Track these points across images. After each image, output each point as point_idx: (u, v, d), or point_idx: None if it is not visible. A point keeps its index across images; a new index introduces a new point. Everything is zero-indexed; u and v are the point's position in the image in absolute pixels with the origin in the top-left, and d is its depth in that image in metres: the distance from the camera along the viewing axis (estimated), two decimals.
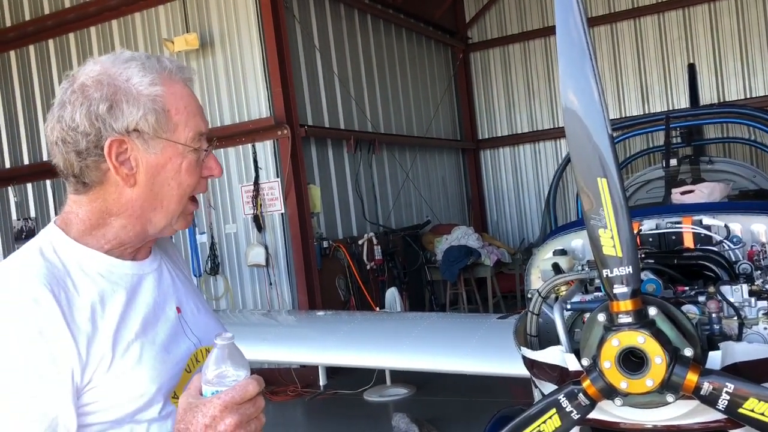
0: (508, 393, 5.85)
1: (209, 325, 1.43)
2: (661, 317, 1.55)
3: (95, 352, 1.18)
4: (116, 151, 1.24)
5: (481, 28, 12.87)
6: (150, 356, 1.24)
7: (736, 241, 2.17)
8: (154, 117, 1.24)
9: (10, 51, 9.33)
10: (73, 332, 1.16)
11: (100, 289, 1.24)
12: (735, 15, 11.02)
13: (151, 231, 1.32)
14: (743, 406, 1.48)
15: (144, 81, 1.25)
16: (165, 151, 1.27)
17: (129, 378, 1.21)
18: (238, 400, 1.11)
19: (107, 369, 1.19)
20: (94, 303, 1.22)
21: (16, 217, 9.58)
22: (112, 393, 1.20)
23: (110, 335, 1.21)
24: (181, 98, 1.29)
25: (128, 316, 1.25)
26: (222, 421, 1.10)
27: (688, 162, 5.07)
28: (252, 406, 1.13)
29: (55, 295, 1.17)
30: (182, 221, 1.34)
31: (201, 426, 1.11)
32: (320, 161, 8.42)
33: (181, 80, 1.31)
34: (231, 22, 7.81)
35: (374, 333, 4.31)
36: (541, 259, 2.44)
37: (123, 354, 1.21)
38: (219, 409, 1.10)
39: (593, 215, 1.52)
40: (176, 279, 1.44)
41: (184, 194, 1.30)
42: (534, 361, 1.86)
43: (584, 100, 1.49)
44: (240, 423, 1.11)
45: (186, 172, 1.29)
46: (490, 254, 9.80)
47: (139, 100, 1.24)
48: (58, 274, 1.21)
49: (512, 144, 12.72)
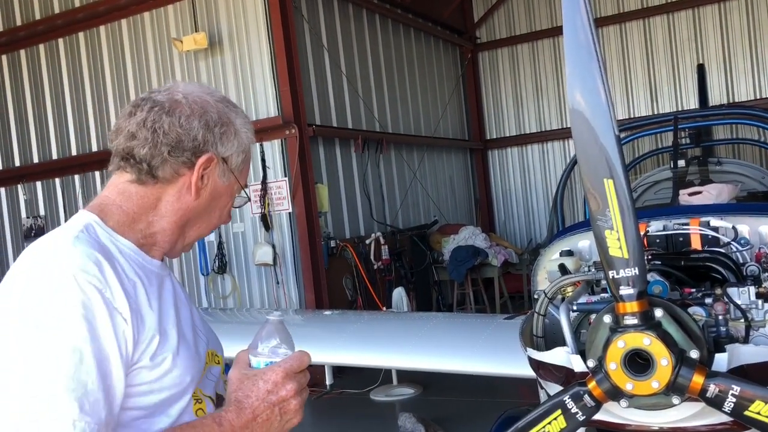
0: (515, 393, 5.84)
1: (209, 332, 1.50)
2: (667, 319, 1.54)
3: (145, 332, 1.22)
4: (205, 164, 1.35)
5: (489, 27, 12.85)
6: (185, 349, 1.30)
7: (743, 242, 2.17)
8: (241, 157, 1.42)
9: (20, 50, 9.38)
10: (131, 307, 1.20)
11: (140, 276, 1.28)
12: (745, 15, 10.96)
13: (179, 243, 1.41)
14: (749, 409, 1.48)
15: (246, 128, 1.43)
16: (230, 185, 1.42)
17: (169, 366, 1.24)
18: (296, 369, 1.23)
19: (153, 353, 1.22)
20: (138, 287, 1.25)
21: (26, 215, 9.63)
22: (153, 379, 1.22)
23: (156, 320, 1.25)
24: (251, 154, 1.47)
25: (164, 308, 1.30)
26: (284, 386, 1.21)
27: (697, 163, 5.05)
28: (304, 376, 1.25)
29: (113, 265, 1.21)
30: (189, 246, 1.46)
31: (263, 392, 1.20)
32: (328, 160, 8.43)
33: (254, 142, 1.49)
34: (240, 21, 7.83)
35: (381, 333, 4.31)
36: (547, 260, 2.44)
37: (164, 341, 1.25)
38: (281, 376, 1.21)
39: (599, 216, 1.52)
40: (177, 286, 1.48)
41: (217, 224, 1.46)
42: (540, 362, 1.85)
43: (591, 101, 1.49)
44: (298, 389, 1.23)
45: (228, 207, 1.46)
46: (498, 254, 9.78)
47: (240, 138, 1.41)
48: (107, 251, 1.24)
49: (520, 144, 12.69)
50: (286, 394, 1.21)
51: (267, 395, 1.20)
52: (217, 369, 1.44)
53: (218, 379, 1.43)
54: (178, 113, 1.32)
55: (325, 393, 7.12)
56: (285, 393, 1.21)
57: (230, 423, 1.19)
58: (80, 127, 9.11)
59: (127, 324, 1.18)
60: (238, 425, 1.20)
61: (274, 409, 1.21)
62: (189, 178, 1.34)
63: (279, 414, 1.21)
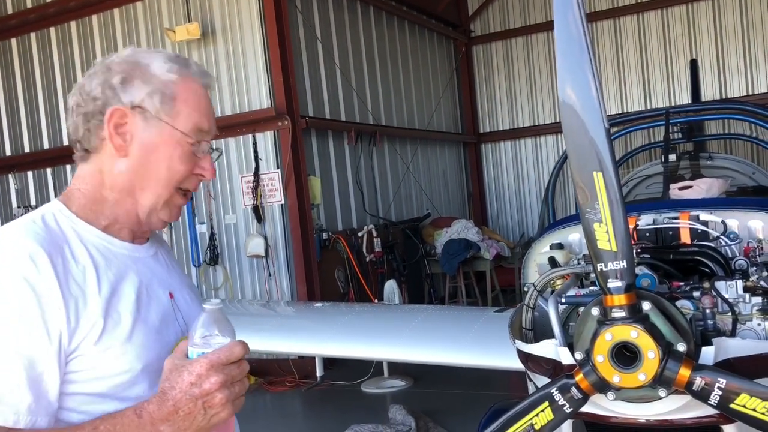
0: (506, 386, 5.87)
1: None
2: (654, 312, 1.55)
3: (85, 319, 1.21)
4: (116, 120, 1.31)
5: (483, 21, 12.84)
6: (140, 334, 1.27)
7: (732, 237, 2.18)
8: (159, 98, 1.32)
9: (11, 38, 9.32)
10: (65, 295, 1.19)
11: (96, 261, 1.28)
12: (738, 11, 10.99)
13: (140, 212, 1.36)
14: (735, 402, 1.49)
15: (163, 68, 1.34)
16: (162, 133, 1.33)
17: (117, 352, 1.23)
18: (224, 361, 1.15)
19: (97, 339, 1.22)
20: (89, 273, 1.25)
21: (17, 204, 9.58)
22: (98, 365, 1.22)
23: (102, 306, 1.24)
24: (192, 93, 1.36)
25: (121, 292, 1.29)
26: (207, 379, 1.14)
27: (688, 158, 5.07)
28: (237, 368, 1.17)
29: (51, 257, 1.21)
30: (167, 211, 1.38)
31: (186, 384, 1.14)
32: (321, 153, 8.42)
33: (201, 83, 1.39)
34: (233, 11, 7.79)
35: (372, 325, 4.31)
36: (538, 253, 2.45)
37: (114, 327, 1.24)
38: (205, 368, 1.14)
39: (588, 209, 1.52)
40: (171, 269, 1.50)
41: (171, 180, 1.35)
42: (528, 355, 1.86)
43: (581, 95, 1.49)
44: (225, 382, 1.14)
45: (179, 159, 1.35)
46: (490, 248, 9.80)
47: (152, 81, 1.33)
48: (57, 240, 1.25)
49: (513, 138, 12.71)
50: (209, 387, 1.14)
51: (190, 387, 1.14)
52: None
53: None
54: (88, 81, 1.34)
55: (316, 385, 7.14)
56: (209, 386, 1.14)
57: (150, 415, 1.15)
58: None
59: (60, 315, 1.18)
60: (158, 417, 1.15)
61: (197, 402, 1.14)
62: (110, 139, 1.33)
63: (202, 408, 1.14)
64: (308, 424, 6.59)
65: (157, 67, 1.34)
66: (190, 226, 8.03)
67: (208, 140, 1.39)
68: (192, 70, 1.38)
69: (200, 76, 1.39)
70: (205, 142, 1.38)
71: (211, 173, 1.39)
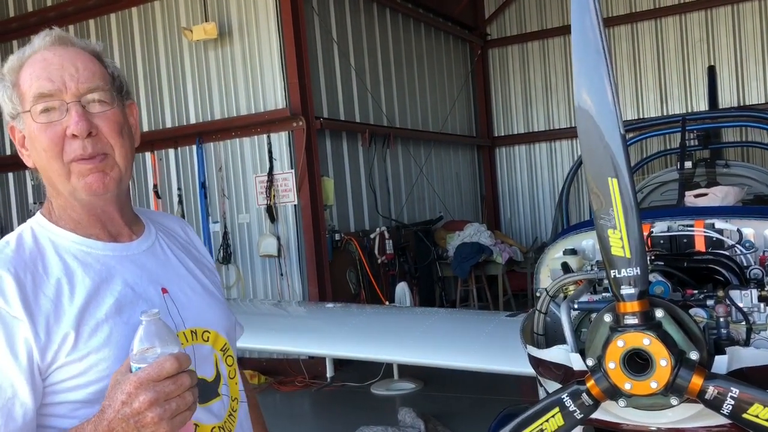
0: (516, 391, 5.85)
1: (202, 308, 1.43)
2: (667, 319, 1.54)
3: (57, 332, 1.20)
4: (15, 135, 1.35)
5: (500, 24, 12.81)
6: (119, 336, 1.24)
7: (748, 245, 2.16)
8: (9, 94, 1.31)
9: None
10: (33, 313, 1.19)
11: (70, 271, 1.27)
12: (758, 17, 10.88)
13: (68, 198, 1.32)
14: (748, 412, 1.48)
15: (9, 63, 1.32)
16: (27, 123, 1.31)
17: (95, 358, 1.21)
18: (154, 377, 1.09)
19: (71, 349, 1.20)
20: (61, 285, 1.24)
21: (33, 200, 9.67)
22: (78, 373, 1.21)
23: (74, 316, 1.22)
24: (29, 66, 1.30)
25: (99, 297, 1.27)
26: (136, 398, 1.08)
27: (704, 165, 5.03)
28: (172, 383, 1.10)
29: (19, 278, 1.21)
30: (82, 184, 1.29)
31: (119, 403, 1.10)
32: (334, 154, 8.44)
33: (43, 47, 1.32)
34: (250, 12, 7.83)
35: (383, 327, 4.32)
36: (551, 258, 2.44)
37: (90, 334, 1.22)
38: (134, 386, 1.09)
39: (603, 215, 1.51)
40: (172, 260, 1.45)
41: (51, 157, 1.29)
42: (539, 360, 1.86)
43: (597, 100, 1.48)
44: (155, 400, 1.08)
45: (38, 135, 1.29)
46: (502, 252, 9.77)
47: (5, 81, 1.32)
48: (29, 258, 1.26)
49: (528, 142, 12.67)
50: (138, 407, 1.08)
51: (121, 407, 1.09)
52: (205, 347, 1.39)
53: (210, 356, 1.39)
54: None
55: (326, 385, 7.14)
56: (138, 405, 1.08)
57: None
58: None
59: (27, 333, 1.18)
60: None
61: (129, 422, 1.09)
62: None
63: (135, 427, 1.09)
64: (317, 424, 6.60)
65: (6, 65, 1.33)
66: (203, 225, 8.07)
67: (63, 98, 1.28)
68: (33, 45, 1.33)
69: (42, 40, 1.32)
70: (58, 104, 1.27)
71: (73, 125, 1.26)
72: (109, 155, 1.31)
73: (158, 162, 8.58)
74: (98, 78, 1.31)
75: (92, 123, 1.28)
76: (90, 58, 1.33)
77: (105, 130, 1.30)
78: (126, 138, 1.34)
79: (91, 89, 1.29)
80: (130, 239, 1.39)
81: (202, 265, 1.53)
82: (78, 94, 1.28)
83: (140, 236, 1.42)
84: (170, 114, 8.51)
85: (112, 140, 1.31)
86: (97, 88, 1.30)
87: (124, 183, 1.35)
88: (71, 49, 1.32)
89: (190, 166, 8.41)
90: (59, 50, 1.31)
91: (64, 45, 1.32)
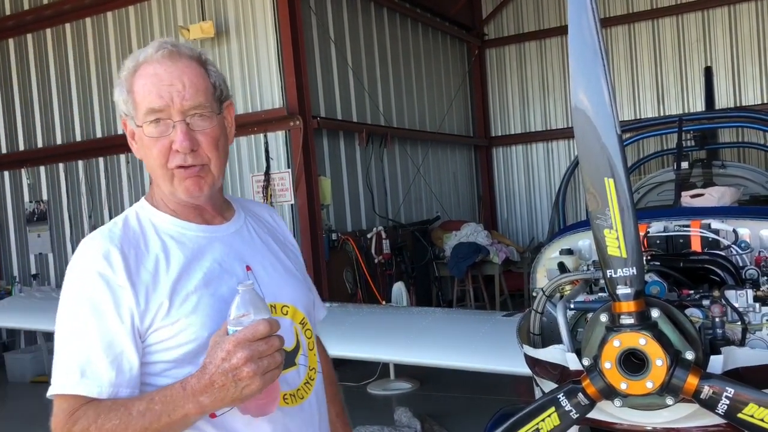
0: (512, 390, 5.86)
1: (282, 285, 1.60)
2: (663, 319, 1.54)
3: (154, 300, 1.40)
4: (127, 128, 1.53)
5: (497, 24, 12.82)
6: (206, 306, 1.42)
7: (743, 246, 2.16)
8: (124, 97, 1.49)
9: (27, 34, 9.39)
10: (135, 283, 1.39)
11: (167, 248, 1.47)
12: (755, 18, 10.92)
13: (168, 195, 1.52)
14: (743, 411, 1.48)
15: (125, 66, 1.49)
16: (138, 133, 1.49)
17: (183, 324, 1.40)
18: (249, 338, 1.26)
19: (165, 315, 1.40)
20: (159, 260, 1.44)
21: (29, 199, 9.65)
22: (169, 336, 1.40)
23: (169, 287, 1.42)
24: (142, 77, 1.46)
25: (191, 271, 1.46)
26: (234, 355, 1.25)
27: (701, 165, 5.04)
28: (264, 344, 1.27)
29: (124, 253, 1.42)
30: (181, 188, 1.48)
31: (219, 359, 1.27)
32: (332, 153, 8.43)
33: (156, 58, 1.46)
34: (247, 11, 7.82)
35: (380, 326, 4.32)
36: (547, 258, 2.44)
37: (181, 303, 1.41)
38: (232, 345, 1.26)
39: (599, 215, 1.52)
40: (257, 241, 1.63)
41: (157, 164, 1.47)
42: (536, 360, 1.86)
43: (594, 100, 1.49)
44: (250, 357, 1.25)
45: (149, 145, 1.48)
46: (499, 252, 9.78)
47: (121, 84, 1.50)
48: (133, 236, 1.47)
49: (525, 142, 12.68)
50: (236, 362, 1.25)
51: (221, 363, 1.26)
52: (285, 320, 1.54)
53: (290, 328, 1.56)
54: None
55: None
56: (236, 361, 1.25)
57: (192, 387, 1.29)
58: (85, 113, 9.12)
59: (130, 300, 1.38)
60: (198, 389, 1.29)
61: (227, 376, 1.26)
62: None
63: (233, 381, 1.26)
64: None
65: (123, 68, 1.49)
66: None
67: (170, 115, 1.44)
68: (148, 53, 1.47)
69: (155, 51, 1.46)
70: (166, 119, 1.45)
71: (178, 143, 1.44)
72: (206, 165, 1.49)
73: None
74: (201, 94, 1.47)
75: (194, 140, 1.46)
76: (196, 71, 1.48)
77: (204, 144, 1.48)
78: (221, 149, 1.52)
79: (194, 106, 1.46)
80: (221, 223, 1.58)
81: (285, 247, 1.72)
82: (183, 111, 1.45)
83: (230, 220, 1.61)
84: None
85: (210, 153, 1.49)
86: (199, 106, 1.47)
87: (216, 185, 1.53)
88: (180, 63, 1.47)
89: None
90: (169, 65, 1.46)
91: (174, 59, 1.47)
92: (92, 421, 1.31)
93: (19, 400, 7.84)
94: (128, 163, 8.71)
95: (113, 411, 1.31)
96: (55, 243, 9.55)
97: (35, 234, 9.66)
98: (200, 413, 1.31)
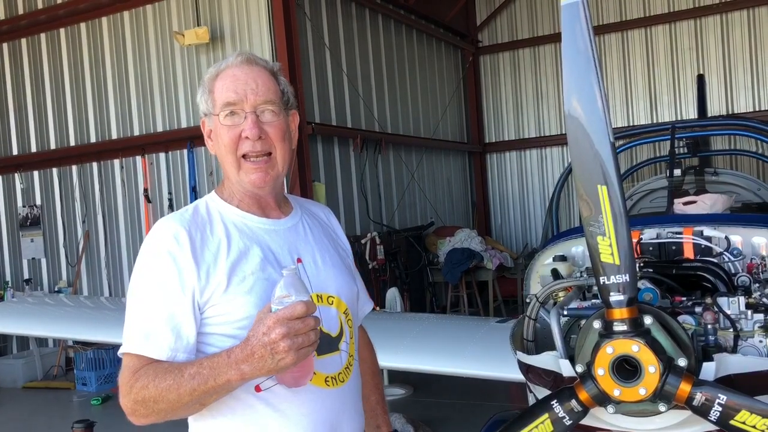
0: (506, 397, 5.86)
1: (329, 277, 1.76)
2: (656, 326, 1.55)
3: (214, 278, 1.59)
4: (205, 129, 1.76)
5: (491, 31, 12.87)
6: (260, 288, 1.61)
7: (736, 253, 2.17)
8: (205, 97, 1.71)
9: (21, 39, 9.38)
10: (198, 262, 1.59)
11: (229, 234, 1.67)
12: (746, 27, 10.99)
13: (234, 183, 1.72)
14: (735, 418, 1.48)
15: (209, 72, 1.72)
16: (215, 123, 1.70)
17: (239, 301, 1.59)
18: (287, 317, 1.41)
19: (223, 292, 1.59)
20: (221, 244, 1.64)
21: (22, 204, 9.62)
22: (226, 311, 1.59)
23: (228, 268, 1.60)
24: (222, 79, 1.69)
25: (248, 256, 1.64)
26: (273, 330, 1.40)
27: (693, 173, 5.06)
28: (301, 323, 1.41)
29: (191, 235, 1.61)
30: (246, 176, 1.68)
31: (260, 333, 1.43)
32: (326, 159, 8.44)
33: (235, 64, 1.69)
34: (242, 17, 7.84)
35: (373, 332, 4.29)
36: (541, 264, 2.44)
37: (238, 283, 1.60)
38: (273, 321, 1.41)
39: (592, 222, 1.52)
40: (309, 237, 1.81)
41: (228, 151, 1.68)
42: (529, 366, 1.86)
43: (587, 108, 1.49)
44: (287, 334, 1.40)
45: (222, 133, 1.68)
46: (493, 258, 9.79)
47: (204, 86, 1.72)
48: (200, 221, 1.67)
49: (519, 149, 12.72)
50: (274, 337, 1.40)
51: (262, 336, 1.41)
52: (331, 309, 1.73)
53: (335, 317, 1.73)
54: None
55: None
56: (274, 336, 1.40)
57: (236, 356, 1.45)
58: (79, 118, 9.10)
59: (193, 276, 1.57)
60: (240, 358, 1.44)
61: (266, 348, 1.41)
62: None
63: (270, 353, 1.40)
64: None
65: (206, 74, 1.73)
66: None
67: (243, 108, 1.65)
68: (229, 61, 1.71)
69: (234, 59, 1.70)
70: (239, 111, 1.66)
71: (248, 130, 1.64)
72: (272, 154, 1.68)
73: (149, 166, 8.56)
74: (272, 93, 1.69)
75: (262, 129, 1.66)
76: (268, 77, 1.71)
77: (272, 134, 1.68)
78: (287, 142, 1.72)
79: (265, 101, 1.67)
80: (279, 217, 1.77)
81: (336, 244, 1.91)
82: (255, 105, 1.66)
83: (287, 216, 1.80)
84: (161, 118, 8.50)
85: (276, 143, 1.68)
86: (269, 102, 1.68)
87: (279, 180, 1.73)
88: (255, 68, 1.70)
89: (181, 171, 8.40)
90: (246, 68, 1.69)
91: (250, 64, 1.70)
92: (151, 379, 1.49)
93: (11, 405, 7.79)
94: (122, 168, 8.70)
95: (169, 372, 1.49)
96: (48, 248, 9.51)
97: (28, 239, 9.63)
98: (241, 380, 1.45)
